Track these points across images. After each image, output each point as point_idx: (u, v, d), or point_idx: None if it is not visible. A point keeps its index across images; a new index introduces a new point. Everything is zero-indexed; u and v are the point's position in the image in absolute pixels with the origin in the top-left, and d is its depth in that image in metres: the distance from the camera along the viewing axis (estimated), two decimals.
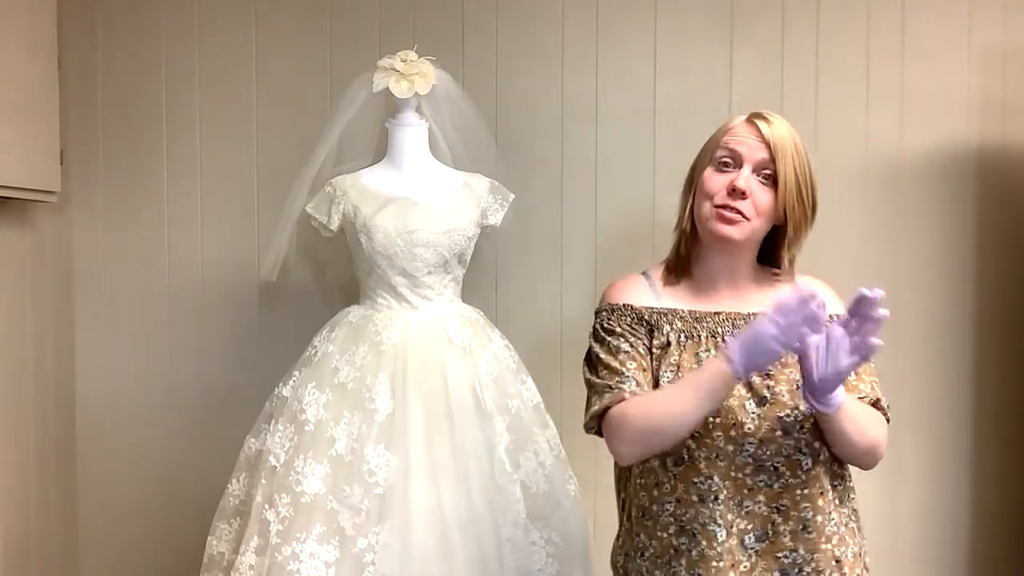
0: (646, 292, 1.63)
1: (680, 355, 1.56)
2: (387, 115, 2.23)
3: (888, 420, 1.57)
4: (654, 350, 1.58)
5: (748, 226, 1.54)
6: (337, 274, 2.52)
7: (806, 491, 1.52)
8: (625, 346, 1.58)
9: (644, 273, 1.68)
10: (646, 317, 1.60)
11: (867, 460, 1.54)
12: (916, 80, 2.47)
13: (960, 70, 2.46)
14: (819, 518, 1.52)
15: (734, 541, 1.51)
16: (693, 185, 1.61)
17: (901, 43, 2.47)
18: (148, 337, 2.59)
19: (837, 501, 1.56)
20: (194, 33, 2.56)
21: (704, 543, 1.51)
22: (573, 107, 2.52)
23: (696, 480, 1.52)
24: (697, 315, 1.59)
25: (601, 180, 2.53)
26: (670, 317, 1.59)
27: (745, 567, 1.52)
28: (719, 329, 1.57)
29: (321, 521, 1.94)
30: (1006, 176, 2.46)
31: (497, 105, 2.50)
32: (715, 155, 1.58)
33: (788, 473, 1.52)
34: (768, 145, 1.53)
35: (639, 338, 1.59)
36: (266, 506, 1.98)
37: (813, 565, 1.52)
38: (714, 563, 1.50)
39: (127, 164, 2.58)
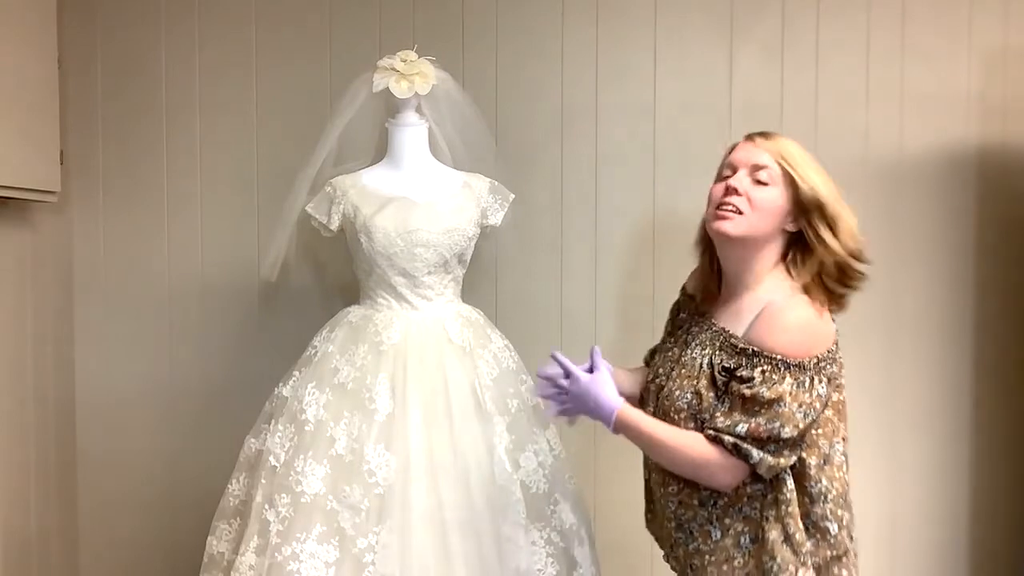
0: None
1: (663, 340, 1.74)
2: (387, 115, 2.22)
3: (755, 461, 1.50)
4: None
5: (743, 220, 1.56)
6: (337, 274, 2.52)
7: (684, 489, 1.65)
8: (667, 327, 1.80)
9: None
10: (681, 301, 1.76)
11: (697, 480, 1.58)
12: (916, 80, 2.46)
13: (960, 70, 2.46)
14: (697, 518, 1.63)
15: (671, 524, 1.65)
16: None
17: (901, 43, 2.47)
18: (148, 337, 2.59)
19: (718, 514, 1.60)
20: (194, 34, 2.56)
21: (649, 514, 1.76)
22: (573, 107, 2.52)
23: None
24: (698, 310, 1.70)
25: (601, 180, 2.53)
26: (691, 308, 1.72)
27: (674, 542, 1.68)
28: (693, 328, 1.66)
29: (321, 521, 1.94)
30: (1006, 176, 2.46)
31: (497, 105, 2.50)
32: (719, 174, 1.65)
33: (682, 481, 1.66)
34: (766, 152, 1.58)
35: (671, 319, 1.78)
36: (266, 506, 1.98)
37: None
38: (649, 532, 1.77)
39: (127, 164, 2.58)
